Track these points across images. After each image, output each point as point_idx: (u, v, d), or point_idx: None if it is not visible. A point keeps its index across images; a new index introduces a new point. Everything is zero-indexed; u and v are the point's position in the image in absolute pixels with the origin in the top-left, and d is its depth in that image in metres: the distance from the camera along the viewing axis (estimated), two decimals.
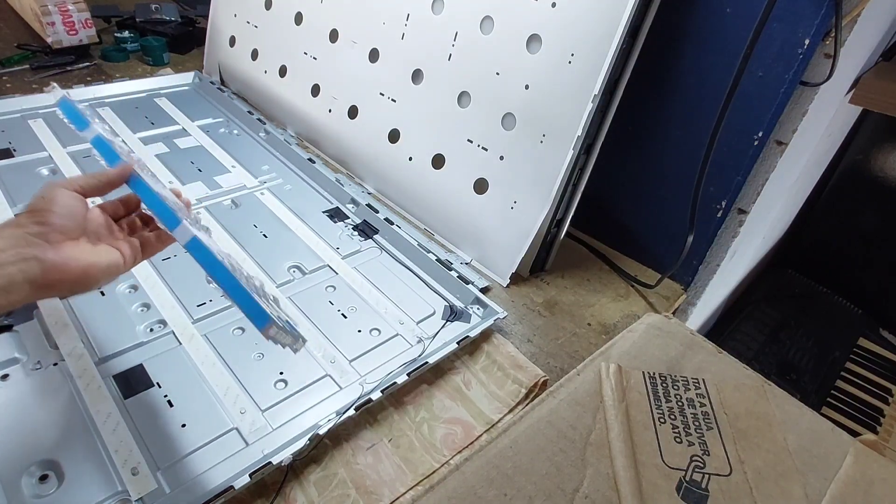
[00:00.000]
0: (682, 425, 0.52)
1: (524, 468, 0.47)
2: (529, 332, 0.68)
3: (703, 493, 0.46)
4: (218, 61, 1.15)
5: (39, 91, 1.00)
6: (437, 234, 0.81)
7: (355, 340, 0.62)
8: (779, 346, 1.06)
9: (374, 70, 0.85)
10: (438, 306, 0.68)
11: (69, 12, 1.13)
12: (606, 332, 0.70)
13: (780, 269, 1.27)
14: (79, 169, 0.82)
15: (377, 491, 0.49)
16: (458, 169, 0.77)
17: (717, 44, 0.64)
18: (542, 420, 0.51)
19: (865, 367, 1.05)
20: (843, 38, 0.59)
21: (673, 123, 0.72)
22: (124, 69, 1.16)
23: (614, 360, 0.57)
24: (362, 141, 0.88)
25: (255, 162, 0.91)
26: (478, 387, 0.59)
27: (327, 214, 0.82)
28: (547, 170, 0.68)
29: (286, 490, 0.48)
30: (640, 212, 0.80)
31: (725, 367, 0.59)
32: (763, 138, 0.65)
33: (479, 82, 0.73)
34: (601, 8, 0.61)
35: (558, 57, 0.65)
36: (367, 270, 0.72)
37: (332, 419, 0.51)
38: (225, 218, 0.77)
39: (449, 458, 0.52)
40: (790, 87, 0.62)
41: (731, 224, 0.73)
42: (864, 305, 1.17)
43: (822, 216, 1.25)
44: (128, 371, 0.54)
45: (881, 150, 1.13)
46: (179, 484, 0.46)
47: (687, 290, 0.80)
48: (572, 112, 0.64)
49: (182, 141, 0.93)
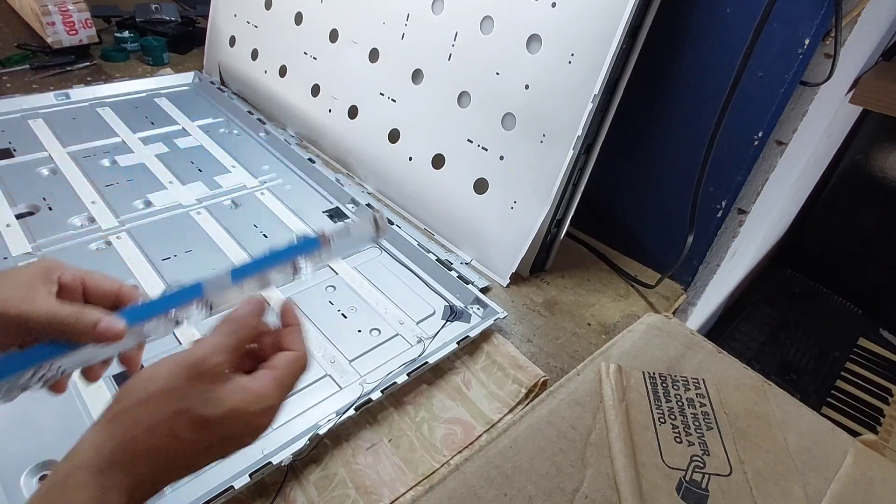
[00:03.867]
0: (682, 425, 0.52)
1: (524, 468, 0.47)
2: (529, 332, 0.68)
3: (703, 493, 0.46)
4: (218, 61, 1.14)
5: (39, 91, 1.00)
6: (437, 234, 0.81)
7: (355, 340, 0.62)
8: (779, 346, 1.06)
9: (374, 70, 0.85)
10: (438, 306, 0.68)
11: (69, 12, 1.13)
12: (606, 332, 0.70)
13: (780, 269, 1.27)
14: (79, 169, 0.82)
15: (377, 491, 0.49)
16: (458, 169, 0.77)
17: (717, 44, 0.64)
18: (542, 420, 0.51)
19: (865, 367, 1.05)
20: (843, 38, 0.59)
21: (673, 123, 0.72)
22: (124, 69, 1.16)
23: (614, 360, 0.57)
24: (362, 141, 0.88)
25: (255, 162, 0.91)
26: (478, 387, 0.59)
27: (327, 214, 0.82)
28: (547, 170, 0.68)
29: (286, 490, 0.48)
30: (640, 212, 0.80)
31: (725, 367, 0.59)
32: (763, 138, 0.65)
33: (479, 82, 0.73)
34: (601, 8, 0.61)
35: (558, 57, 0.65)
36: (367, 270, 0.72)
37: (332, 419, 0.51)
38: (225, 218, 0.77)
39: (449, 458, 0.52)
40: (790, 87, 0.62)
41: (731, 224, 0.73)
42: (864, 305, 1.17)
43: (822, 216, 1.25)
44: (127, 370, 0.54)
45: (881, 150, 1.13)
46: (179, 484, 0.46)
47: (687, 290, 0.80)
48: (572, 112, 0.64)
49: (182, 141, 0.93)
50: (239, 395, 0.30)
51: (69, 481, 0.27)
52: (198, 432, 0.29)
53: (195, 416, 0.29)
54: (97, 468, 0.27)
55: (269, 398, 0.31)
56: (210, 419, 0.29)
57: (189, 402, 0.29)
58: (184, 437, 0.29)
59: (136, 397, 0.29)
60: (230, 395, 0.30)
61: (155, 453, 0.28)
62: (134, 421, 0.28)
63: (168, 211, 0.77)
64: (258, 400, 0.31)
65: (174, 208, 0.78)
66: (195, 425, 0.29)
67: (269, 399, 0.31)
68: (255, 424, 0.31)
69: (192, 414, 0.29)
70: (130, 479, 0.28)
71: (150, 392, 0.29)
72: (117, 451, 0.28)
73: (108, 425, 0.29)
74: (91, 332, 0.32)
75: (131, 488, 0.28)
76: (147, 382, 0.29)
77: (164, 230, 0.74)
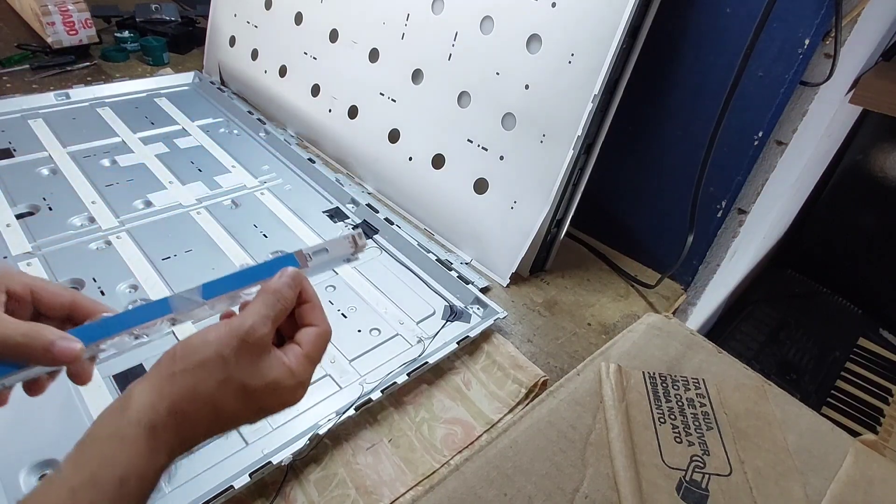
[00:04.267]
0: (682, 425, 0.52)
1: (524, 468, 0.47)
2: (529, 332, 0.68)
3: (703, 493, 0.46)
4: (218, 61, 1.14)
5: (39, 91, 1.00)
6: (437, 234, 0.81)
7: (355, 340, 0.62)
8: (779, 346, 1.06)
9: (374, 70, 0.85)
10: (438, 306, 0.68)
11: (69, 12, 1.13)
12: (606, 332, 0.70)
13: (780, 269, 1.27)
14: (79, 169, 0.82)
15: (377, 491, 0.49)
16: (458, 169, 0.77)
17: (717, 44, 0.64)
18: (542, 420, 0.51)
19: (865, 367, 1.05)
20: (843, 38, 0.59)
21: (673, 123, 0.72)
22: (124, 69, 1.16)
23: (614, 360, 0.57)
24: (362, 141, 0.88)
25: (255, 162, 0.91)
26: (478, 387, 0.59)
27: (327, 214, 0.82)
28: (547, 170, 0.68)
29: (286, 490, 0.48)
30: (640, 212, 0.80)
31: (725, 367, 0.59)
32: (763, 138, 0.65)
33: (479, 82, 0.73)
34: (601, 8, 0.61)
35: (558, 57, 0.65)
36: (367, 270, 0.72)
37: (332, 419, 0.51)
38: (225, 218, 0.77)
39: (449, 458, 0.52)
40: (790, 87, 0.62)
41: (731, 224, 0.73)
42: (864, 305, 1.17)
43: (822, 216, 1.25)
44: (127, 370, 0.54)
45: (881, 150, 1.13)
46: (179, 483, 0.46)
47: (687, 290, 0.80)
48: (572, 112, 0.64)
49: (182, 141, 0.93)
50: (279, 369, 0.32)
51: (123, 433, 0.28)
52: (240, 401, 0.30)
53: (240, 386, 0.30)
54: (151, 426, 0.28)
55: (301, 374, 0.32)
56: (253, 389, 0.31)
57: (237, 372, 0.30)
58: (227, 405, 0.30)
59: (191, 360, 0.30)
60: (271, 369, 0.31)
61: (200, 418, 0.30)
62: (187, 385, 0.29)
63: (168, 211, 0.77)
64: (293, 375, 0.32)
65: (174, 208, 0.78)
66: (239, 394, 0.30)
67: (302, 375, 0.33)
68: (288, 398, 0.33)
69: (237, 383, 0.30)
70: (176, 439, 0.29)
71: (204, 357, 0.30)
72: (170, 413, 0.29)
73: (163, 384, 0.30)
74: (45, 354, 0.29)
75: (173, 448, 0.29)
76: (201, 347, 0.30)
77: (164, 230, 0.74)
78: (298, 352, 0.33)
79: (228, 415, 0.31)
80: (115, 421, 0.29)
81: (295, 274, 0.34)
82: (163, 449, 0.29)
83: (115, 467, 0.27)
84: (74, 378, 0.32)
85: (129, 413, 0.28)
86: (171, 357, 0.30)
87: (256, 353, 0.31)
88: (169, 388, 0.29)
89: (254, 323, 0.31)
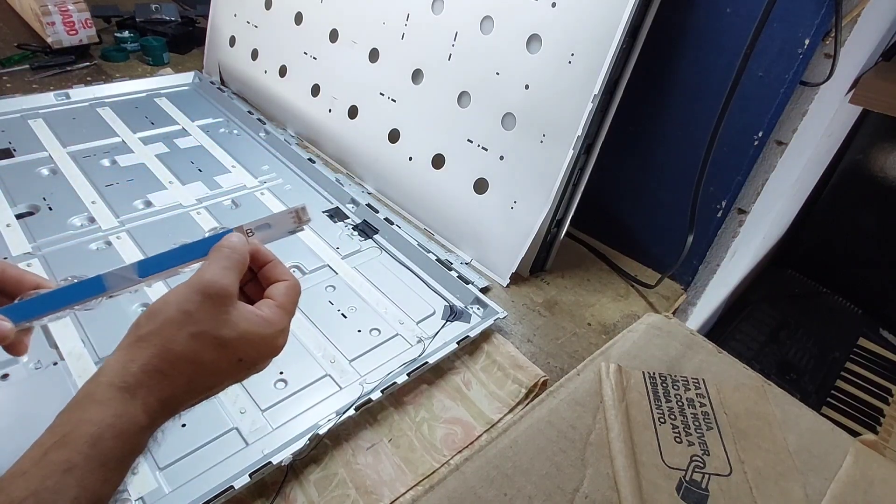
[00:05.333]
0: (682, 425, 0.52)
1: (524, 468, 0.47)
2: (529, 332, 0.68)
3: (703, 493, 0.46)
4: (218, 61, 1.14)
5: (39, 91, 1.00)
6: (437, 234, 0.81)
7: (355, 340, 0.62)
8: (779, 346, 1.06)
9: (374, 70, 0.85)
10: (438, 306, 0.68)
11: (69, 12, 1.13)
12: (606, 332, 0.70)
13: (780, 269, 1.27)
14: (79, 169, 0.82)
15: (377, 491, 0.49)
16: (458, 169, 0.77)
17: (717, 44, 0.64)
18: (542, 420, 0.51)
19: (865, 367, 1.05)
20: (843, 38, 0.59)
21: (673, 123, 0.72)
22: (124, 69, 1.16)
23: (614, 360, 0.57)
24: (362, 141, 0.88)
25: (255, 162, 0.91)
26: (478, 387, 0.59)
27: (327, 214, 0.82)
28: (547, 170, 0.68)
29: (286, 490, 0.48)
30: (640, 212, 0.80)
31: (725, 367, 0.59)
32: (763, 138, 0.65)
33: (479, 82, 0.73)
34: (601, 8, 0.61)
35: (558, 57, 0.65)
36: (367, 270, 0.72)
37: (332, 419, 0.51)
38: (225, 218, 0.77)
39: (449, 458, 0.52)
40: (790, 87, 0.62)
41: (731, 224, 0.73)
42: (864, 305, 1.17)
43: (822, 216, 1.25)
44: None
45: (881, 150, 1.13)
46: (179, 483, 0.46)
47: (687, 290, 0.80)
48: (572, 112, 0.64)
49: (182, 141, 0.93)
50: (252, 319, 0.32)
51: (94, 396, 0.28)
52: (216, 352, 0.30)
53: (213, 338, 0.30)
54: (123, 386, 0.29)
55: (277, 323, 0.33)
56: (227, 340, 0.31)
57: (204, 324, 0.30)
58: (203, 358, 0.30)
59: (156, 321, 0.30)
60: (241, 319, 0.31)
61: (177, 373, 0.30)
62: (155, 344, 0.30)
63: (168, 211, 0.77)
64: (268, 324, 0.32)
65: (174, 208, 0.78)
66: (213, 346, 0.30)
67: (278, 323, 0.33)
68: (269, 347, 0.33)
69: (210, 336, 0.30)
70: (152, 397, 0.29)
71: (168, 316, 0.30)
72: (144, 371, 0.29)
73: (130, 349, 0.30)
74: None
75: (153, 407, 0.29)
76: (163, 307, 0.31)
77: (164, 230, 0.74)
78: (271, 303, 0.33)
79: (208, 368, 0.31)
80: (87, 387, 0.29)
81: (238, 235, 0.35)
82: (140, 408, 0.29)
83: (88, 425, 0.27)
84: (9, 350, 0.32)
85: (101, 378, 0.29)
86: (137, 325, 0.31)
87: (221, 304, 0.31)
88: (138, 351, 0.30)
89: (213, 275, 0.31)
